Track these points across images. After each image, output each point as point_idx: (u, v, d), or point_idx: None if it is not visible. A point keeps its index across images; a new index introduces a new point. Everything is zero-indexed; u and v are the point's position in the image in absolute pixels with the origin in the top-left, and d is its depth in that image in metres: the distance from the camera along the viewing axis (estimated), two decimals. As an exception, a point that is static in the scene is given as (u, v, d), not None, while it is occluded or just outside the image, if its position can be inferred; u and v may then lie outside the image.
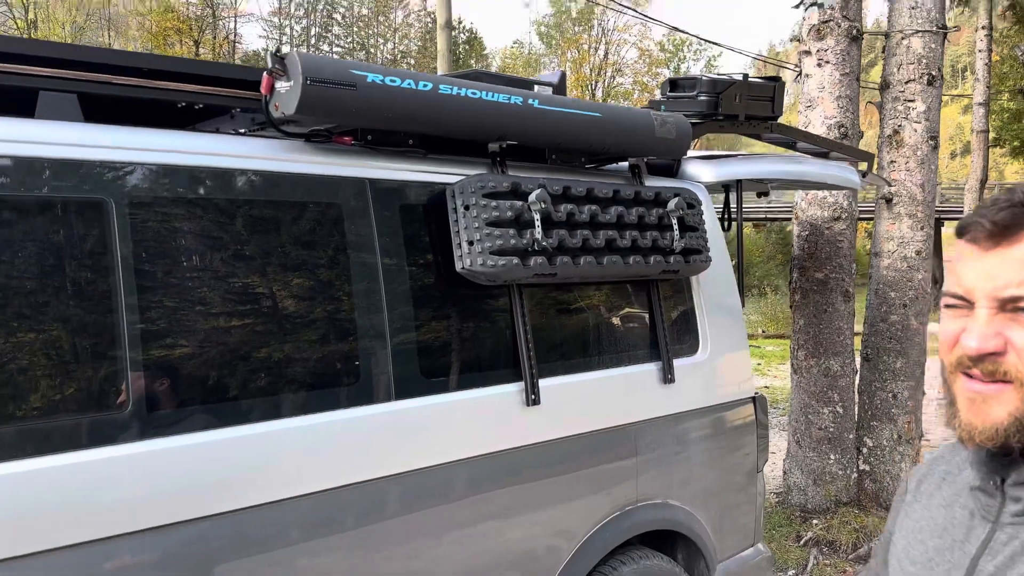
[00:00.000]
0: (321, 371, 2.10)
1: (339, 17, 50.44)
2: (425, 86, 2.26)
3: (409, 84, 2.23)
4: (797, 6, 5.09)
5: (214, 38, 42.74)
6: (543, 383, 2.55)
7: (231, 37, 44.19)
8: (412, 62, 48.23)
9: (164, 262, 1.88)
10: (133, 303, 1.81)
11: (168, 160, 1.94)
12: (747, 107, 3.58)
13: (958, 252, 0.95)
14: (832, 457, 5.33)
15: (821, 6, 4.83)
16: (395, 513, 2.20)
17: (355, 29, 50.45)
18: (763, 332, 17.57)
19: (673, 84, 3.64)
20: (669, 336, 3.00)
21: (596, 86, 50.90)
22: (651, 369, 2.94)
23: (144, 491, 1.80)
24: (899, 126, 5.14)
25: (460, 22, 54.32)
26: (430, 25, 47.34)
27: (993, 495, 0.98)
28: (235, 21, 44.85)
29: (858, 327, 5.59)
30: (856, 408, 5.52)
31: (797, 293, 5.35)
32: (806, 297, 5.30)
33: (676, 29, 17.56)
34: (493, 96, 2.40)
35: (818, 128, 4.96)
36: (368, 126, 2.25)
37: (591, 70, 51.97)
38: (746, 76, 3.57)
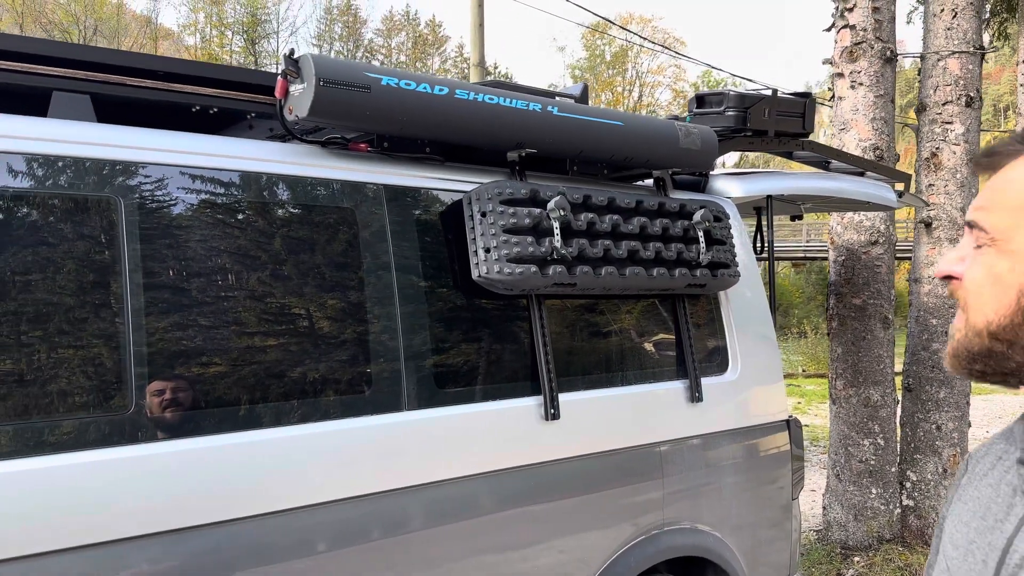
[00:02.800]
0: (330, 377, 2.04)
1: (378, 64, 51.54)
2: (441, 90, 2.23)
3: (425, 88, 2.20)
4: (828, 29, 5.02)
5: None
6: (563, 397, 2.46)
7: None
8: (448, 106, 48.92)
9: (172, 261, 1.85)
10: (139, 302, 1.78)
11: (178, 161, 1.92)
12: (776, 123, 3.50)
13: None
14: (874, 491, 5.11)
15: (853, 28, 4.76)
16: (406, 526, 2.11)
17: (393, 74, 51.45)
18: (803, 371, 17.19)
19: (700, 100, 3.58)
20: (697, 354, 2.89)
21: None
22: (678, 387, 2.83)
23: (155, 495, 1.74)
24: (937, 148, 5.01)
25: (496, 66, 55.17)
26: (466, 70, 48.09)
27: None
28: (277, 68, 46.06)
29: (899, 355, 5.40)
30: (898, 440, 5.30)
31: (834, 320, 5.19)
32: (844, 324, 5.13)
33: (711, 67, 17.59)
34: (511, 102, 2.36)
35: (852, 149, 4.86)
36: (382, 130, 2.22)
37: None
38: (775, 91, 3.50)
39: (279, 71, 2.09)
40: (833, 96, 5.02)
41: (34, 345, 1.66)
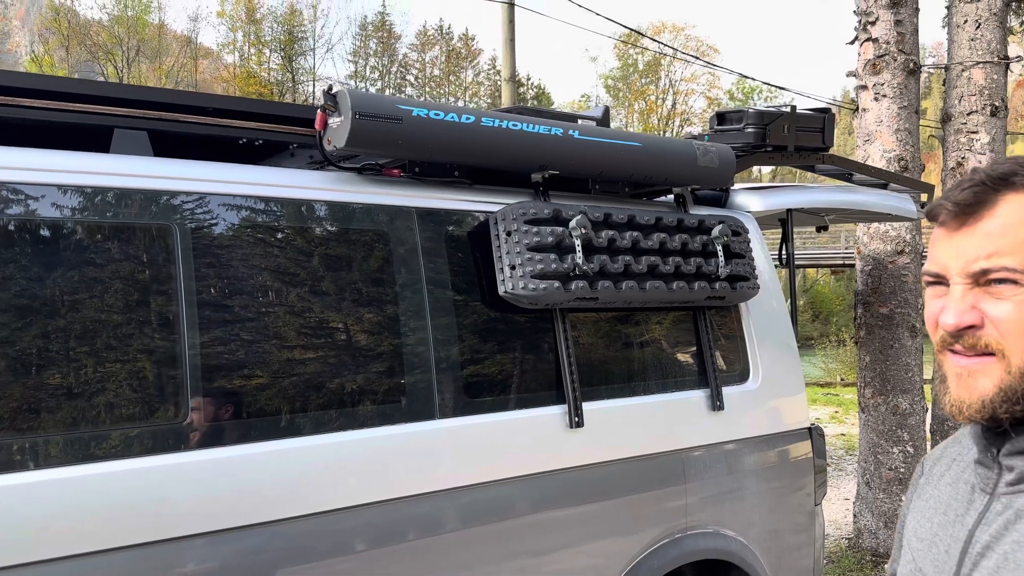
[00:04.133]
0: (367, 388, 2.20)
1: (412, 79, 52.17)
2: (468, 119, 2.39)
3: (452, 117, 2.36)
4: (852, 42, 5.10)
5: (293, 101, 44.67)
6: (587, 406, 2.59)
7: (309, 100, 46.11)
8: (482, 118, 49.28)
9: (223, 284, 2.02)
10: (194, 320, 1.95)
11: (227, 190, 2.10)
12: (796, 138, 3.60)
13: (933, 235, 0.99)
14: (904, 499, 5.13)
15: (875, 40, 4.83)
16: (436, 529, 2.26)
17: (427, 89, 52.04)
18: (841, 380, 17.04)
19: (721, 117, 3.70)
20: (718, 363, 3.00)
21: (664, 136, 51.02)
22: (699, 396, 2.94)
23: (206, 497, 1.91)
24: (962, 158, 5.06)
25: (528, 78, 55.46)
26: (499, 83, 48.51)
27: (991, 467, 0.99)
28: (313, 85, 46.87)
29: (928, 363, 5.42)
30: (928, 448, 5.32)
31: (862, 329, 5.24)
32: (871, 333, 5.18)
33: (744, 76, 17.58)
34: (534, 128, 2.50)
35: (877, 162, 4.92)
36: (413, 157, 2.38)
37: (658, 120, 52.20)
38: (794, 108, 3.60)
39: (318, 105, 2.25)
40: (857, 108, 5.09)
41: (98, 360, 1.84)
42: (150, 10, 41.35)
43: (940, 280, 0.96)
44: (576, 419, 2.54)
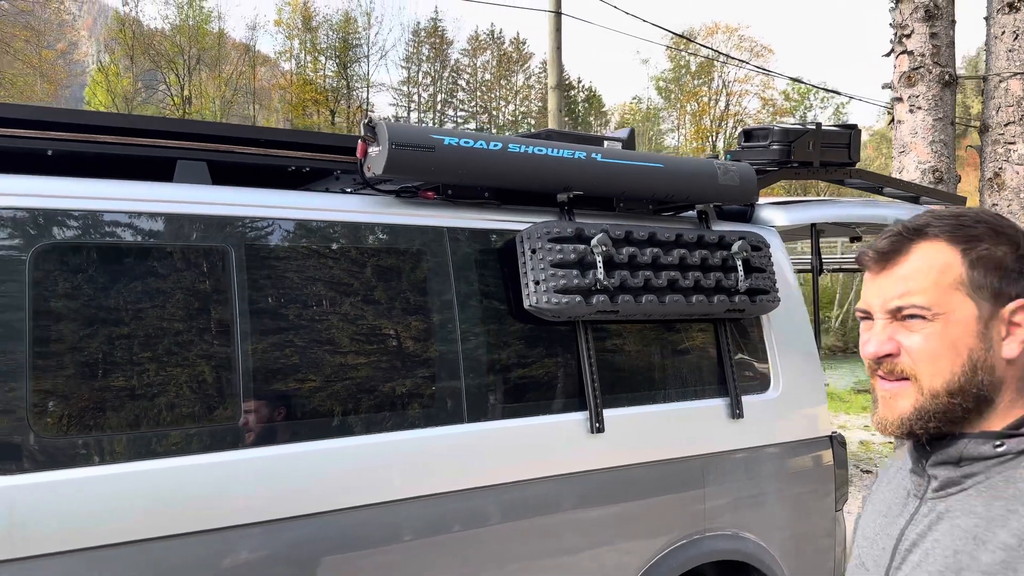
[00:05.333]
0: (403, 393, 2.41)
1: (463, 83, 52.70)
2: (496, 146, 2.58)
3: (481, 144, 2.56)
4: (887, 54, 5.16)
5: (348, 107, 45.56)
6: (608, 413, 2.76)
7: (364, 106, 46.97)
8: (532, 122, 49.59)
9: (274, 299, 2.26)
10: (247, 332, 2.19)
11: (278, 214, 2.33)
12: (822, 154, 3.71)
13: (864, 278, 1.15)
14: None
15: (911, 53, 4.89)
16: (460, 526, 2.45)
17: (478, 94, 52.50)
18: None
19: (748, 135, 3.83)
20: (738, 373, 3.14)
21: (717, 137, 50.57)
22: (719, 404, 3.08)
23: (260, 490, 2.14)
24: (1000, 169, 5.07)
25: (579, 81, 55.52)
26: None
27: (921, 475, 1.14)
28: (367, 91, 47.70)
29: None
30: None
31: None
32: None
33: (796, 80, 17.44)
34: (558, 152, 2.69)
35: (912, 173, 4.97)
36: (446, 181, 2.58)
37: (711, 121, 51.73)
38: (819, 125, 3.71)
39: (359, 136, 2.47)
40: (892, 119, 5.15)
41: (162, 366, 2.08)
42: (210, 19, 42.60)
43: (868, 315, 1.12)
44: (597, 425, 2.71)
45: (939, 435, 1.09)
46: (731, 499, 3.08)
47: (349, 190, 2.74)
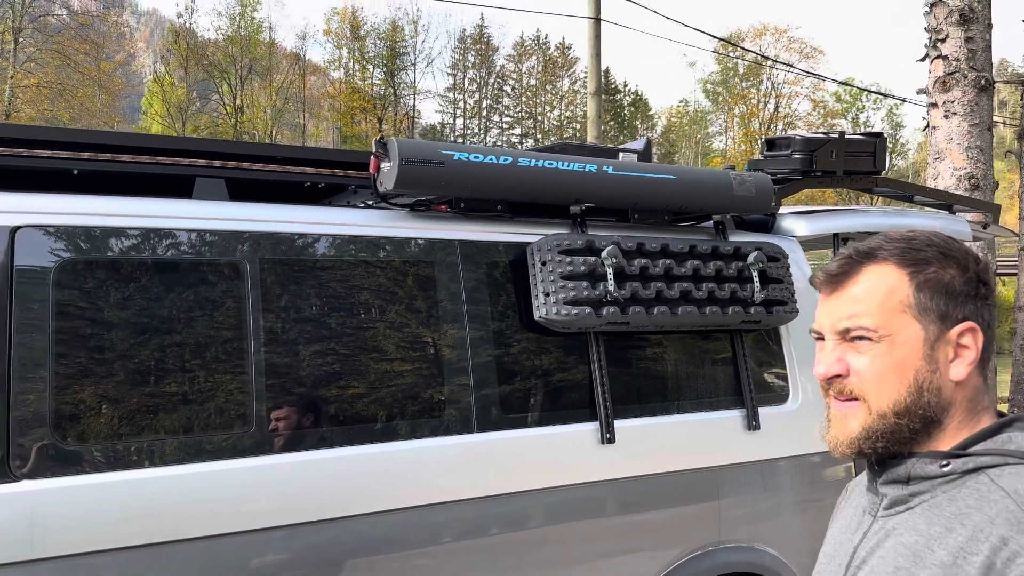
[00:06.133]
0: (413, 404, 2.47)
1: (509, 89, 52.90)
2: (505, 160, 2.63)
3: (491, 159, 2.61)
4: (922, 59, 5.07)
5: (395, 115, 46.10)
6: (620, 423, 2.78)
7: (410, 113, 47.49)
8: (577, 126, 49.55)
9: (288, 311, 2.34)
10: (261, 343, 2.27)
11: (292, 229, 2.41)
12: (845, 163, 3.67)
13: (818, 298, 1.17)
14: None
15: (945, 58, 4.81)
16: (468, 535, 2.50)
17: (523, 99, 52.66)
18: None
19: (770, 144, 3.81)
20: (755, 384, 3.13)
21: (771, 135, 49.78)
22: (735, 415, 3.08)
23: (279, 495, 2.23)
24: (1040, 174, 4.94)
25: (625, 85, 55.30)
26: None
27: (875, 493, 1.16)
28: (414, 98, 48.22)
29: (1003, 383, 5.30)
30: None
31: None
32: None
33: (844, 83, 17.15)
34: (568, 165, 2.72)
35: (947, 180, 4.88)
36: (456, 195, 2.64)
37: (760, 124, 51.02)
38: (842, 134, 3.68)
39: (372, 152, 2.55)
40: (927, 125, 5.06)
41: (181, 377, 2.17)
42: (261, 29, 43.53)
43: (820, 336, 1.14)
44: (608, 435, 2.74)
45: (889, 455, 1.10)
46: (747, 511, 3.07)
47: (370, 204, 2.82)
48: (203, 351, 2.21)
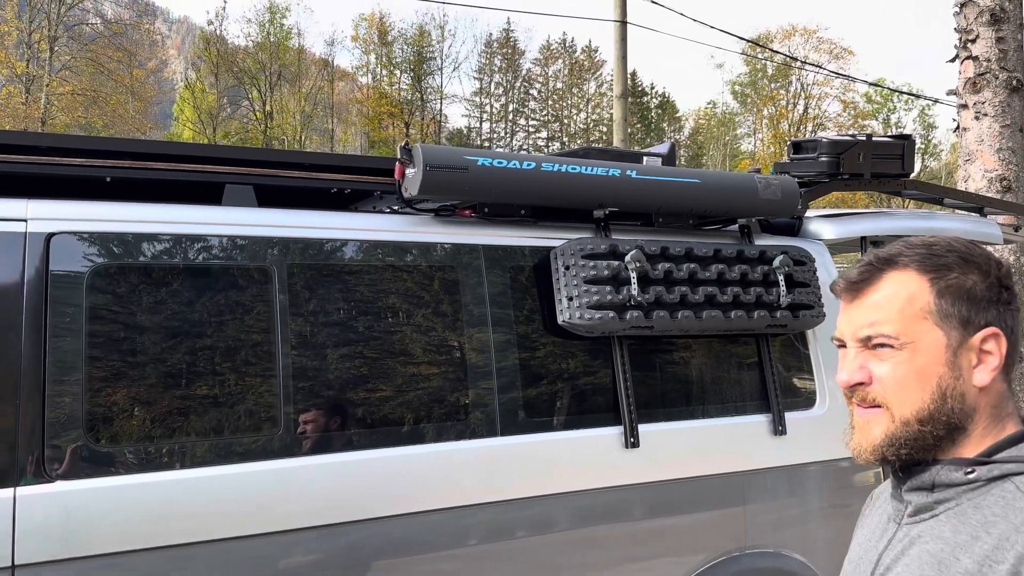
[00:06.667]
0: (437, 407, 2.49)
1: (535, 93, 52.94)
2: (528, 165, 2.64)
3: (514, 164, 2.62)
4: (952, 60, 5.01)
5: (422, 119, 46.34)
6: (643, 428, 2.78)
7: (437, 118, 47.71)
8: (604, 129, 49.45)
9: (314, 316, 2.37)
10: (289, 347, 2.30)
11: (319, 235, 2.45)
12: (872, 165, 3.64)
13: (840, 305, 1.17)
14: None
15: (976, 58, 4.75)
16: (491, 539, 2.51)
17: (550, 103, 52.67)
18: None
19: (796, 147, 3.79)
20: (781, 389, 3.11)
21: (797, 138, 49.30)
22: (760, 420, 3.06)
23: (300, 497, 2.26)
24: (1075, 176, 4.86)
25: (652, 87, 55.09)
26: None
27: (900, 500, 1.16)
28: (441, 103, 48.43)
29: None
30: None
31: None
32: None
33: (875, 84, 16.96)
34: (591, 170, 2.73)
35: (978, 182, 4.82)
36: (480, 200, 2.66)
37: (790, 126, 50.55)
38: (869, 136, 3.65)
39: (396, 159, 2.57)
40: (958, 127, 4.99)
41: (210, 380, 2.21)
42: (290, 36, 44.01)
43: (842, 344, 1.14)
44: (632, 440, 2.74)
45: (912, 462, 1.10)
46: (773, 516, 3.05)
47: (395, 209, 2.84)
48: (232, 355, 2.25)
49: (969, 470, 1.05)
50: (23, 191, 2.21)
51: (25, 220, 2.11)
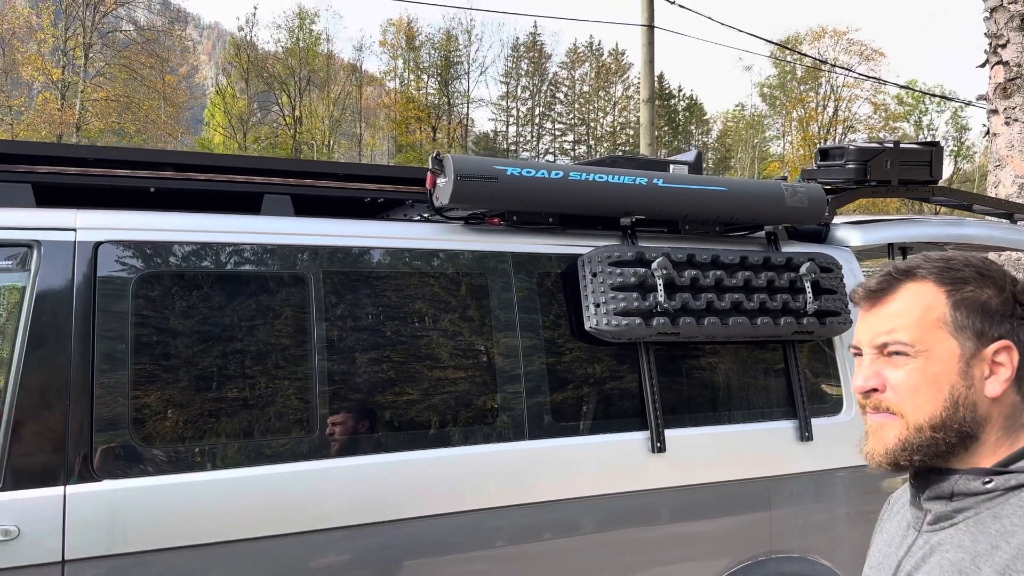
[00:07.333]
0: (465, 411, 2.55)
1: (561, 96, 52.96)
2: (557, 174, 2.70)
3: (543, 173, 2.68)
4: (982, 65, 4.98)
5: (449, 123, 46.56)
6: (670, 433, 2.81)
7: (464, 122, 47.90)
8: (631, 132, 49.34)
9: (349, 322, 2.44)
10: (324, 352, 2.38)
11: (353, 243, 2.52)
12: (900, 172, 3.65)
13: (857, 314, 1.21)
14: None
15: (1006, 64, 4.72)
16: (516, 541, 2.56)
17: (576, 106, 52.65)
18: None
19: (824, 154, 3.80)
20: (807, 395, 3.13)
21: (825, 145, 48.77)
22: (787, 426, 3.08)
23: (334, 498, 2.33)
24: (1108, 181, 4.81)
25: (679, 90, 54.86)
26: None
27: (919, 508, 1.19)
28: (467, 107, 48.62)
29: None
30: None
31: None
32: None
33: (905, 87, 16.78)
34: (618, 179, 2.78)
35: (1009, 187, 4.79)
36: (509, 208, 2.72)
37: (819, 128, 50.06)
38: (896, 143, 3.65)
39: (428, 168, 2.64)
40: (988, 132, 4.97)
41: (252, 384, 2.29)
42: (319, 42, 44.45)
43: (859, 351, 1.18)
44: (658, 444, 2.77)
45: (925, 468, 1.13)
46: (799, 522, 3.07)
47: (425, 217, 2.91)
48: (270, 359, 2.33)
49: (987, 480, 1.08)
50: (72, 202, 2.31)
51: (74, 229, 2.21)
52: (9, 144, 2.48)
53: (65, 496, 2.07)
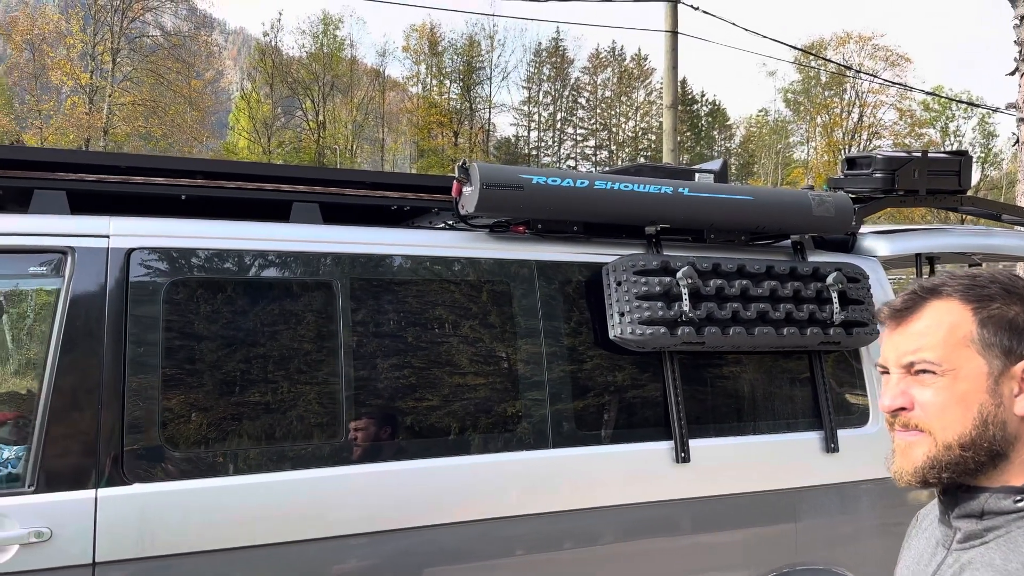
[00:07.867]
0: (489, 419, 2.56)
1: (583, 101, 52.93)
2: (582, 183, 2.70)
3: (568, 182, 2.69)
4: (1011, 73, 4.93)
5: (471, 128, 46.69)
6: (695, 443, 2.80)
7: (485, 127, 48.01)
8: (653, 138, 49.22)
9: (374, 328, 2.46)
10: (351, 358, 2.39)
11: (379, 251, 2.54)
12: (928, 182, 3.62)
13: (882, 332, 1.20)
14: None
15: (1037, 71, 4.66)
16: (539, 549, 2.56)
17: (598, 111, 52.60)
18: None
19: (851, 162, 3.78)
20: (834, 406, 3.10)
21: (850, 151, 48.39)
22: (813, 437, 3.06)
23: (357, 504, 2.35)
24: None
25: (703, 95, 54.65)
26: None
27: (948, 526, 1.18)
28: (489, 112, 48.74)
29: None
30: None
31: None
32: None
33: (931, 93, 16.62)
34: (643, 187, 2.78)
35: (1039, 196, 4.72)
36: (534, 217, 2.72)
37: (844, 134, 49.63)
38: (924, 152, 3.62)
39: (454, 177, 2.66)
40: (1017, 141, 4.91)
41: (280, 389, 2.32)
42: (343, 47, 44.76)
43: (886, 370, 1.18)
44: (683, 454, 2.77)
45: (954, 485, 1.13)
46: (825, 534, 3.04)
47: (451, 224, 2.93)
48: (298, 365, 2.35)
49: (1018, 499, 1.08)
50: (105, 209, 2.35)
51: (108, 236, 2.25)
52: (44, 152, 2.53)
53: (96, 499, 2.10)
